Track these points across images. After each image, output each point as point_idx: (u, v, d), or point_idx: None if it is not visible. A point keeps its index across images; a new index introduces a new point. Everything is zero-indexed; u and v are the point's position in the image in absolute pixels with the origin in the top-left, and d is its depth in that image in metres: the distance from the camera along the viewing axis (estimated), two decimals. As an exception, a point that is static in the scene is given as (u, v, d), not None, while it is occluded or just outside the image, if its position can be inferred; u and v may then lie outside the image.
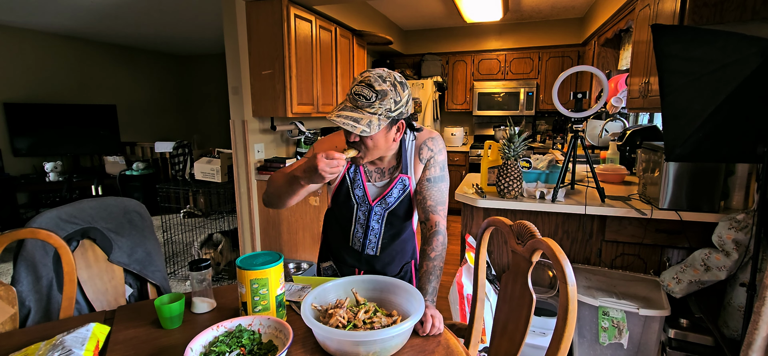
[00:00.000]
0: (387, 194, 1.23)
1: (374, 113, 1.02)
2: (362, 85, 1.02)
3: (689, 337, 1.76)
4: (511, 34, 5.01)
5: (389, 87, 1.02)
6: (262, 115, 3.02)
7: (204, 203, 5.02)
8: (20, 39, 4.71)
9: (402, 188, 1.23)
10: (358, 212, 1.28)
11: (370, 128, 1.02)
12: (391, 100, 1.03)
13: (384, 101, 1.02)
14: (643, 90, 2.35)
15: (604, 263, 2.09)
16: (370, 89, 1.01)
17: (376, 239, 1.30)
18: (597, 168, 2.52)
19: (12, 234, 1.21)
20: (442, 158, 1.24)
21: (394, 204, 1.24)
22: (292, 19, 2.85)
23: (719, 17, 1.86)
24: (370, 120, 1.02)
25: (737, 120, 1.42)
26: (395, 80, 1.05)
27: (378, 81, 1.02)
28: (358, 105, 1.02)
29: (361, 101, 1.02)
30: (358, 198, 1.26)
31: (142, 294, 1.57)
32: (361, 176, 1.25)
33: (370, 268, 1.34)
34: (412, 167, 1.23)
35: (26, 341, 1.02)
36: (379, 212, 1.26)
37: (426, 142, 1.23)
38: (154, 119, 6.60)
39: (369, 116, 1.02)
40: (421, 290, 1.11)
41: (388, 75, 1.04)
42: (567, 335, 0.87)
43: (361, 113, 1.02)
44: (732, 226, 1.64)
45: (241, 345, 0.90)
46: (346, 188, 1.27)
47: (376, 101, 1.01)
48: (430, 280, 1.12)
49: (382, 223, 1.28)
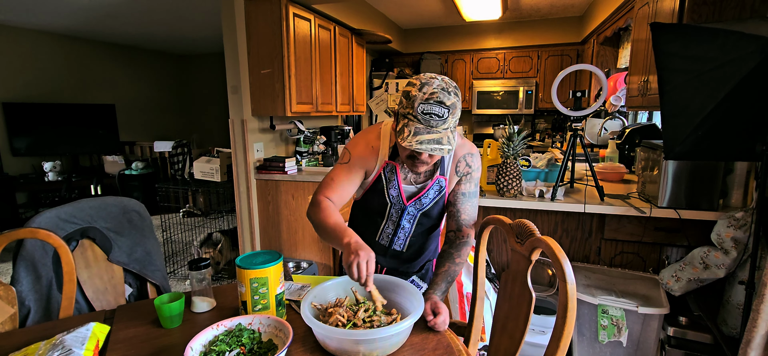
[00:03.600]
0: (423, 195, 1.22)
1: (448, 129, 0.98)
2: (432, 104, 0.96)
3: (688, 335, 1.77)
4: (510, 32, 5.01)
5: (455, 98, 0.98)
6: (261, 114, 3.01)
7: (203, 202, 5.02)
8: (19, 38, 4.70)
9: (438, 190, 1.23)
10: (391, 210, 1.26)
11: (451, 144, 0.99)
12: (458, 110, 0.99)
13: (454, 114, 0.98)
14: (642, 88, 2.35)
15: (604, 262, 2.09)
16: (442, 106, 0.96)
17: (405, 237, 1.29)
18: (596, 167, 2.52)
19: (11, 234, 1.21)
20: (477, 175, 1.25)
21: (429, 205, 1.24)
22: (291, 18, 2.85)
23: (718, 15, 1.86)
24: (448, 137, 0.99)
25: (736, 118, 1.42)
26: (455, 89, 1.00)
27: (445, 95, 0.96)
28: (431, 124, 0.97)
29: (434, 120, 0.96)
30: (393, 198, 1.23)
31: (141, 293, 1.57)
32: (396, 177, 1.21)
33: (393, 263, 1.35)
34: (448, 170, 1.22)
35: (26, 341, 1.02)
36: (413, 212, 1.25)
37: (465, 157, 1.22)
38: (153, 118, 6.59)
39: (445, 133, 0.98)
40: (435, 286, 1.12)
41: (448, 84, 0.99)
42: (566, 333, 0.87)
43: (438, 132, 0.98)
44: (731, 224, 1.64)
45: (241, 344, 0.90)
46: (381, 188, 1.24)
47: (449, 116, 0.97)
48: (447, 280, 1.14)
49: (413, 223, 1.27)
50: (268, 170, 3.01)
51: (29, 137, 4.72)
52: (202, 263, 1.15)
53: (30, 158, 4.91)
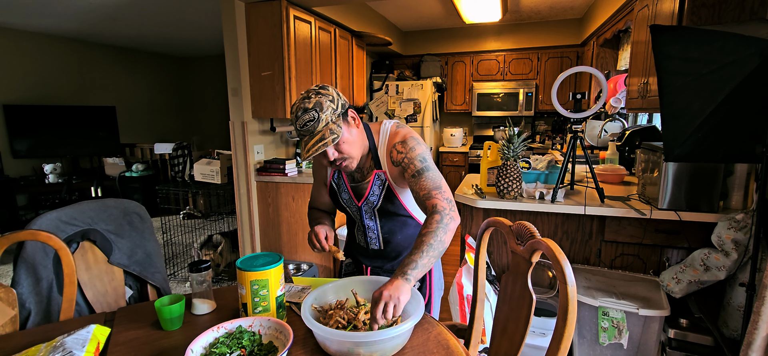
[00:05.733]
0: (369, 193, 1.25)
1: (326, 125, 1.09)
2: (300, 115, 1.08)
3: (689, 337, 1.76)
4: (510, 34, 5.02)
5: (317, 97, 1.09)
6: (261, 116, 3.02)
7: (204, 204, 5.02)
8: (19, 41, 4.71)
9: (380, 185, 1.24)
10: (353, 212, 1.32)
11: (335, 133, 1.09)
12: (327, 103, 1.09)
13: (323, 108, 1.08)
14: (641, 90, 2.36)
15: (604, 264, 2.09)
16: (306, 111, 1.08)
17: (375, 235, 1.32)
18: (596, 168, 2.52)
19: (12, 236, 1.21)
20: (416, 153, 1.18)
21: (378, 202, 1.26)
22: (291, 21, 2.86)
23: (717, 18, 1.86)
24: (330, 130, 1.09)
25: (736, 120, 1.42)
26: (317, 89, 1.12)
27: (305, 102, 1.09)
28: (310, 130, 1.09)
29: (309, 125, 1.08)
30: (346, 201, 1.31)
31: (142, 295, 1.57)
32: (343, 181, 1.29)
33: (379, 262, 1.36)
34: (384, 163, 1.23)
35: (26, 343, 1.02)
36: (369, 211, 1.28)
37: (395, 146, 1.21)
38: (154, 120, 6.59)
39: (325, 129, 1.08)
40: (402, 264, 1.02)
41: (309, 91, 1.12)
42: (567, 335, 0.87)
43: (320, 132, 1.08)
44: (731, 226, 1.64)
45: (242, 346, 0.90)
46: (336, 195, 1.33)
47: (320, 114, 1.08)
48: (412, 253, 1.03)
49: (375, 220, 1.30)
50: (269, 172, 3.02)
51: (30, 139, 4.72)
52: (202, 266, 1.15)
53: (30, 160, 4.91)
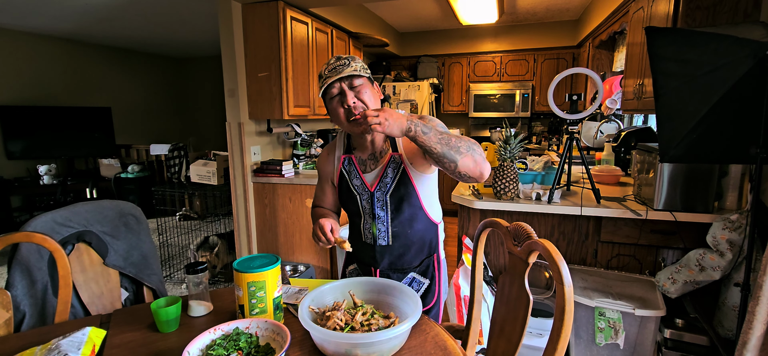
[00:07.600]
0: (383, 175, 1.23)
1: (355, 71, 1.15)
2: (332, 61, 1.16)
3: (685, 337, 1.77)
4: (507, 36, 5.04)
5: (351, 57, 1.18)
6: (258, 117, 3.01)
7: (200, 205, 5.00)
8: (14, 41, 4.68)
9: (396, 167, 1.23)
10: (362, 202, 1.27)
11: (362, 76, 1.16)
12: (359, 62, 1.18)
13: (355, 62, 1.17)
14: (637, 92, 2.37)
15: (600, 264, 2.10)
16: (339, 59, 1.16)
17: (384, 227, 1.26)
18: (592, 169, 2.53)
19: (6, 238, 1.20)
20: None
21: (393, 185, 1.22)
22: (288, 22, 2.86)
23: (712, 19, 1.88)
24: (357, 67, 1.16)
25: (730, 121, 1.43)
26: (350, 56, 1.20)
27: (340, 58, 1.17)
28: (338, 70, 1.14)
29: (340, 68, 1.15)
30: (358, 188, 1.27)
31: (138, 297, 1.56)
32: (355, 167, 1.27)
33: (387, 262, 1.29)
34: (400, 144, 1.25)
35: (21, 345, 1.02)
36: (381, 198, 1.24)
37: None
38: (150, 121, 6.56)
39: (352, 71, 1.15)
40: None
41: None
42: (564, 336, 0.87)
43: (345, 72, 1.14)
44: (726, 226, 1.65)
45: (239, 348, 0.90)
46: (346, 183, 1.29)
47: (351, 62, 1.16)
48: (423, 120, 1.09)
49: (387, 209, 1.25)
50: (265, 173, 3.01)
51: (24, 140, 4.69)
52: (199, 267, 1.14)
53: (25, 162, 4.87)
